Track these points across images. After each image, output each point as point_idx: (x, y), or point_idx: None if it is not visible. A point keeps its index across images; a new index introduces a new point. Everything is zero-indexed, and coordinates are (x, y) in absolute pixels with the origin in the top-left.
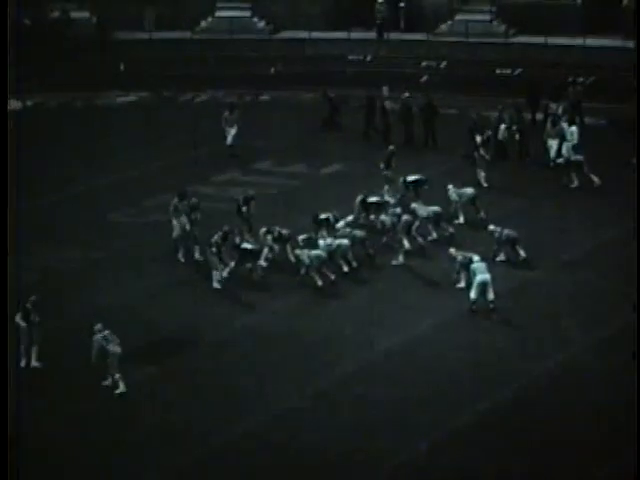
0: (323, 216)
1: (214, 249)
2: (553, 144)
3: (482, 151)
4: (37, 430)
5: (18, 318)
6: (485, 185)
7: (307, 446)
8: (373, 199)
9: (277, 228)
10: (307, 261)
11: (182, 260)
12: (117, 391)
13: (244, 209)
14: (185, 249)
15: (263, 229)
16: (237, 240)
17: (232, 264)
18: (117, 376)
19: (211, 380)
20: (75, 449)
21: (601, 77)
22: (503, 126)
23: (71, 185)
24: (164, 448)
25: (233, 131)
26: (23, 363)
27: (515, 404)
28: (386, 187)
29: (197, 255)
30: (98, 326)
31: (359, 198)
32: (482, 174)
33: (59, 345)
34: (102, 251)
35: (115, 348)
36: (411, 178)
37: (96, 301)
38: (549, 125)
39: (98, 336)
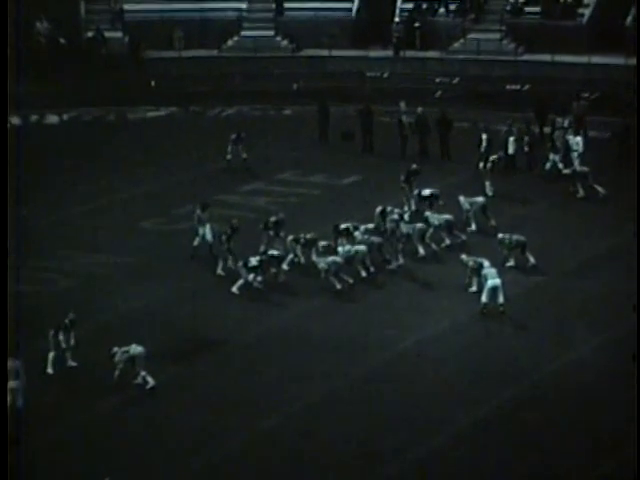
0: (343, 226)
1: (241, 263)
2: (555, 158)
3: (488, 164)
4: (51, 430)
5: (61, 336)
6: (490, 194)
7: (322, 444)
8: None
9: (303, 235)
10: (325, 267)
11: (221, 272)
12: (148, 387)
13: (280, 233)
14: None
15: (290, 236)
16: (263, 248)
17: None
18: (143, 373)
19: (230, 381)
20: (91, 448)
21: (605, 93)
22: (512, 139)
23: (104, 194)
24: (182, 448)
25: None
26: (51, 370)
27: (523, 403)
28: (404, 199)
29: (219, 269)
30: (114, 349)
31: (379, 209)
32: (486, 183)
33: (90, 346)
34: (132, 256)
35: (137, 349)
36: (426, 192)
37: (126, 303)
38: (550, 141)
39: (118, 357)
